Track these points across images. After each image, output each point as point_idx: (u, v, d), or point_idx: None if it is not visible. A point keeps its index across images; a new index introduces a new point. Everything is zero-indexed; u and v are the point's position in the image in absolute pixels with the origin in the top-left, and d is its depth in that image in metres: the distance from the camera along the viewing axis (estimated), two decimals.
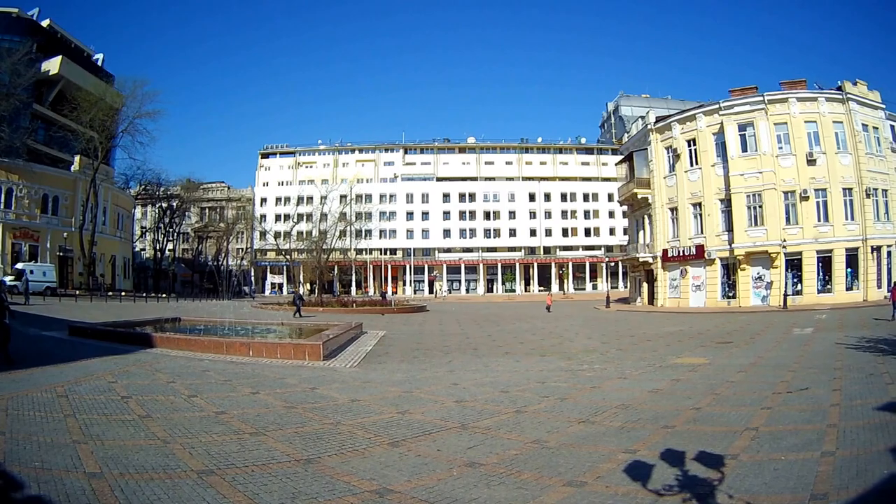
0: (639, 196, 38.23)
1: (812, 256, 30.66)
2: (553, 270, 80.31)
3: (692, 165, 34.57)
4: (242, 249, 78.02)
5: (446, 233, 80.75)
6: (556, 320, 28.06)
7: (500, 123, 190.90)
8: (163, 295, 49.23)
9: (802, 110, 31.68)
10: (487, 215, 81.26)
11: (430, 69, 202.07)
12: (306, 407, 7.45)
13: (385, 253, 77.00)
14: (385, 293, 59.29)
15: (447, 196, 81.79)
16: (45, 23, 49.50)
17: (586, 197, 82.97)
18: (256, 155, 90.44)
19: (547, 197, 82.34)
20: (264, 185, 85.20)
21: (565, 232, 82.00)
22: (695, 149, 34.45)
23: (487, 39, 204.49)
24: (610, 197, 72.40)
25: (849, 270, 30.53)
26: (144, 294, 46.17)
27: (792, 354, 12.30)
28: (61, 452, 4.91)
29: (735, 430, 5.99)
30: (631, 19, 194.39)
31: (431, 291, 76.37)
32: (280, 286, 76.78)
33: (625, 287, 60.55)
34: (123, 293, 42.09)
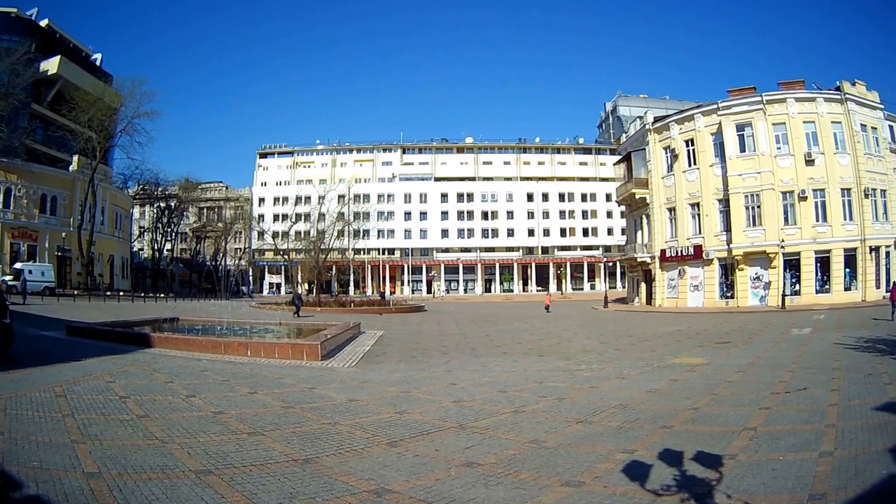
0: (637, 196, 38.22)
1: (810, 256, 30.66)
2: (551, 270, 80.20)
3: (690, 165, 34.55)
4: (240, 249, 77.91)
5: (444, 233, 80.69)
6: (554, 320, 28.08)
7: (499, 123, 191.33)
8: (161, 295, 49.16)
9: (801, 110, 31.69)
10: (485, 215, 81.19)
11: (430, 69, 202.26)
12: (304, 407, 7.45)
13: (383, 253, 77.02)
14: (383, 293, 59.29)
15: (445, 196, 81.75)
16: (44, 22, 49.47)
17: (584, 197, 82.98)
18: (255, 155, 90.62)
19: (545, 197, 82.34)
20: (262, 185, 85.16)
21: (563, 232, 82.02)
22: (693, 149, 34.41)
23: (487, 39, 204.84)
24: (608, 197, 72.48)
25: (847, 271, 30.55)
26: (143, 294, 46.04)
27: (790, 354, 12.31)
28: (60, 452, 4.90)
29: (733, 430, 5.99)
30: (630, 19, 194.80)
31: (429, 291, 76.35)
32: (278, 286, 76.72)
33: (623, 287, 60.51)
34: (122, 293, 41.98)
